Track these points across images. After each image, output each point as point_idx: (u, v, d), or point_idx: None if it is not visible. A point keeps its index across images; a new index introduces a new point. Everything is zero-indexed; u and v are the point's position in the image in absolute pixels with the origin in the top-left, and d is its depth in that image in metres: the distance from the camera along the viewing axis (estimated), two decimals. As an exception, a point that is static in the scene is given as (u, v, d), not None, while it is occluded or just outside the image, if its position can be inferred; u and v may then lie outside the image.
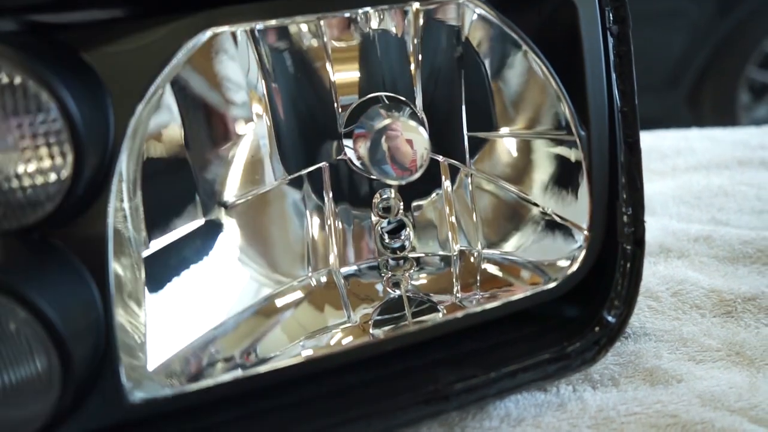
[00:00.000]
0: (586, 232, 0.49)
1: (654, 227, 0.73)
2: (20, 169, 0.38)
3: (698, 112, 2.57)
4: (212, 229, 0.50)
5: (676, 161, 0.87)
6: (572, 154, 0.50)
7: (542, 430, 0.47)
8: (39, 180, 0.38)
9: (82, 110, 0.38)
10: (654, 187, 0.81)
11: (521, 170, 0.54)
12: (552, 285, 0.49)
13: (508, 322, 0.49)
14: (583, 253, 0.49)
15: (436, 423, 0.48)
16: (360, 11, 0.49)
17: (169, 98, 0.45)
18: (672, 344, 0.56)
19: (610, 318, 0.48)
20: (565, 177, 0.51)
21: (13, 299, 0.35)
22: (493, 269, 0.55)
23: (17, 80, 0.37)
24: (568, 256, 0.50)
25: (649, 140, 0.94)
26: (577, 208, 0.50)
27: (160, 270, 0.46)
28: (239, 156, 0.51)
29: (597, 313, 0.48)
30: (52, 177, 0.38)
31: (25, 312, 0.35)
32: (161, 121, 0.45)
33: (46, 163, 0.38)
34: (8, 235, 0.38)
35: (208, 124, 0.49)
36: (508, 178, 0.55)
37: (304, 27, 0.49)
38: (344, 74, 0.52)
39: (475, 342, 0.48)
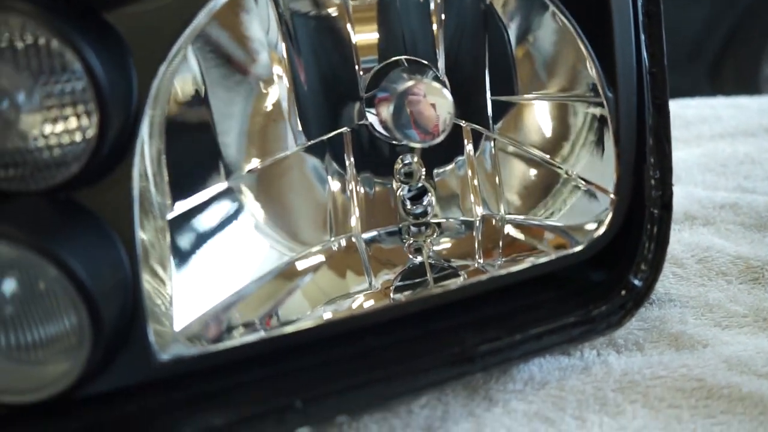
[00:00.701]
0: (612, 196, 0.48)
1: (679, 195, 0.71)
2: (46, 129, 0.38)
3: (720, 86, 2.52)
4: (235, 193, 0.50)
5: (701, 129, 0.86)
6: (599, 116, 0.49)
7: (566, 392, 0.47)
8: (65, 140, 0.38)
9: (106, 70, 0.38)
10: (678, 155, 0.79)
11: (546, 134, 0.53)
12: (578, 248, 0.48)
13: (533, 285, 0.49)
14: (610, 216, 0.48)
15: (460, 386, 0.48)
16: None
17: (192, 59, 0.45)
18: (697, 310, 0.56)
19: (636, 282, 0.48)
20: (591, 139, 0.50)
21: (43, 257, 0.35)
22: (516, 233, 0.55)
23: (41, 40, 0.36)
24: (594, 219, 0.49)
25: (674, 108, 0.91)
26: (604, 171, 0.49)
27: (185, 234, 0.46)
28: (261, 119, 0.51)
29: (623, 276, 0.48)
30: (78, 137, 0.38)
31: (56, 270, 0.36)
32: (184, 82, 0.45)
33: (72, 122, 0.38)
34: (36, 195, 0.39)
35: (231, 87, 0.49)
36: (532, 142, 0.54)
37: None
38: (365, 36, 0.52)
39: (499, 305, 0.48)
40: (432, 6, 0.50)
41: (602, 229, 0.48)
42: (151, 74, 0.41)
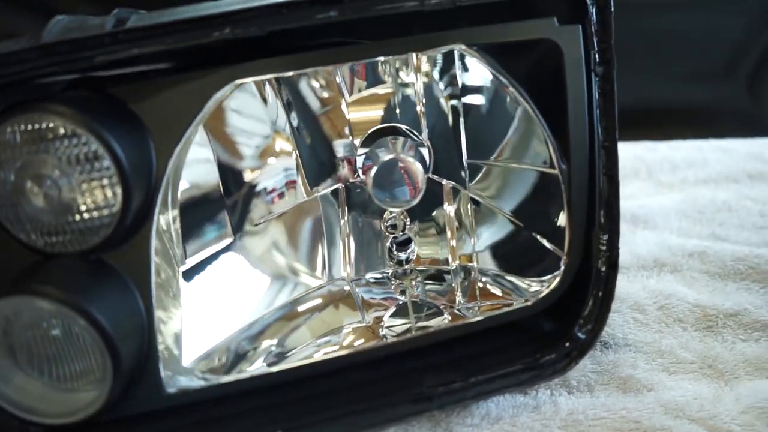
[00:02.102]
0: (564, 257, 0.55)
1: (653, 241, 0.77)
2: (80, 204, 0.47)
3: (761, 99, 2.49)
4: (240, 244, 0.59)
5: (686, 173, 0.91)
6: (554, 186, 0.56)
7: (517, 428, 0.54)
8: (95, 213, 0.47)
9: (130, 155, 0.47)
10: (659, 200, 0.85)
11: (512, 195, 0.61)
12: (530, 303, 0.55)
13: (488, 332, 0.56)
14: (560, 276, 0.55)
15: (425, 419, 0.55)
16: (370, 60, 0.56)
17: (202, 139, 0.53)
18: (649, 355, 0.62)
19: (580, 335, 0.54)
20: (547, 205, 0.57)
21: (74, 311, 0.45)
22: (486, 284, 0.62)
23: (76, 138, 0.45)
24: (547, 277, 0.56)
25: (664, 150, 0.97)
26: (558, 234, 0.56)
27: (194, 281, 0.55)
28: (265, 182, 0.60)
29: (569, 329, 0.54)
30: (106, 211, 0.47)
31: (84, 321, 0.45)
32: (196, 158, 0.53)
33: (101, 199, 0.47)
34: (71, 257, 0.48)
35: (237, 158, 0.57)
36: (500, 201, 0.61)
37: (319, 75, 0.56)
38: (358, 113, 0.59)
39: (457, 350, 0.55)
40: (415, 89, 0.58)
41: (554, 285, 0.55)
42: (168, 154, 0.50)
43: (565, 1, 0.55)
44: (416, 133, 0.61)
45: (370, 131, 0.61)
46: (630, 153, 0.96)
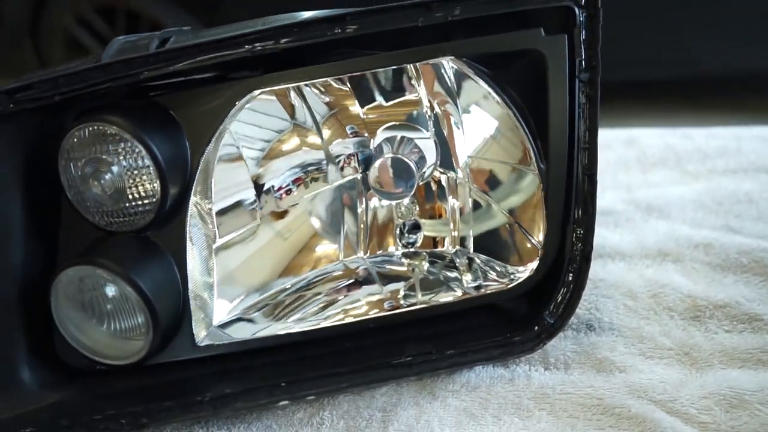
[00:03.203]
0: (540, 249, 0.61)
1: (662, 231, 0.80)
2: (129, 194, 0.59)
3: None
4: (266, 226, 0.69)
5: (716, 163, 0.91)
6: (534, 185, 0.62)
7: (492, 396, 0.62)
8: (141, 201, 0.59)
9: (167, 154, 0.58)
10: (680, 190, 0.87)
11: (502, 189, 0.67)
12: (510, 287, 0.62)
13: (472, 311, 0.63)
14: (536, 264, 0.61)
15: (414, 382, 0.64)
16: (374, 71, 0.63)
17: (230, 138, 0.63)
18: (630, 340, 0.67)
19: (549, 320, 0.61)
20: (528, 201, 0.63)
21: (124, 280, 0.57)
22: (481, 267, 0.69)
23: (124, 142, 0.57)
24: (524, 266, 0.62)
25: (700, 139, 0.97)
26: (537, 227, 0.62)
27: (225, 256, 0.66)
28: (287, 173, 0.69)
29: (540, 314, 0.61)
30: (148, 200, 0.59)
31: (132, 289, 0.57)
32: (225, 154, 0.63)
33: (144, 191, 0.58)
34: (125, 235, 0.60)
35: (262, 153, 0.67)
36: (493, 194, 0.68)
37: (334, 83, 0.65)
38: (370, 114, 0.67)
39: (441, 326, 0.64)
40: (418, 93, 0.65)
41: (529, 273, 0.61)
42: (200, 152, 0.61)
43: (556, 10, 0.60)
44: (424, 131, 0.68)
45: (382, 129, 0.69)
46: (662, 141, 0.97)
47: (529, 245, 0.63)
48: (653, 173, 0.92)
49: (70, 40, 2.50)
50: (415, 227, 0.74)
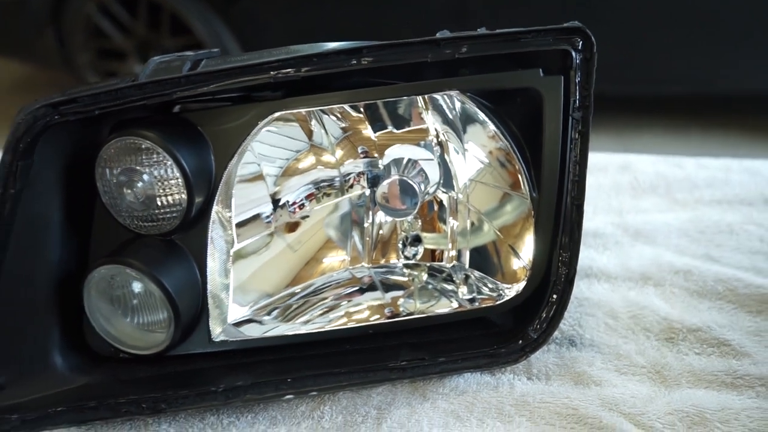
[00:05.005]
0: (528, 270, 0.67)
1: (647, 256, 0.86)
2: (159, 202, 0.65)
3: None
4: (281, 234, 0.75)
5: (703, 193, 0.96)
6: (526, 210, 0.67)
7: (477, 401, 0.68)
8: (168, 208, 0.65)
9: (194, 167, 0.65)
10: (667, 217, 0.92)
11: (497, 211, 0.73)
12: (499, 302, 0.68)
13: (463, 323, 0.70)
14: (524, 284, 0.67)
15: (407, 384, 0.70)
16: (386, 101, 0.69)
17: (252, 154, 0.69)
18: (607, 356, 0.73)
19: (533, 335, 0.67)
20: (520, 225, 0.69)
21: (150, 278, 0.63)
22: (476, 281, 0.75)
23: (156, 154, 0.63)
24: (513, 284, 0.68)
25: (690, 168, 1.02)
26: (526, 249, 0.68)
27: (242, 260, 0.72)
28: (302, 187, 0.75)
29: (524, 329, 0.67)
30: (175, 208, 0.65)
31: (156, 287, 0.63)
32: (246, 170, 0.70)
33: (172, 199, 0.65)
34: (153, 237, 0.67)
35: (280, 169, 0.73)
36: (489, 215, 0.74)
37: (350, 111, 0.71)
38: (381, 137, 0.73)
39: (434, 335, 0.70)
40: (424, 122, 0.71)
41: (516, 292, 0.67)
42: (224, 166, 0.67)
43: (555, 53, 0.65)
44: (429, 154, 0.74)
45: (390, 149, 0.75)
46: (654, 168, 1.02)
47: (517, 266, 0.69)
48: (644, 199, 0.97)
49: (92, 28, 2.57)
50: (417, 240, 0.80)
